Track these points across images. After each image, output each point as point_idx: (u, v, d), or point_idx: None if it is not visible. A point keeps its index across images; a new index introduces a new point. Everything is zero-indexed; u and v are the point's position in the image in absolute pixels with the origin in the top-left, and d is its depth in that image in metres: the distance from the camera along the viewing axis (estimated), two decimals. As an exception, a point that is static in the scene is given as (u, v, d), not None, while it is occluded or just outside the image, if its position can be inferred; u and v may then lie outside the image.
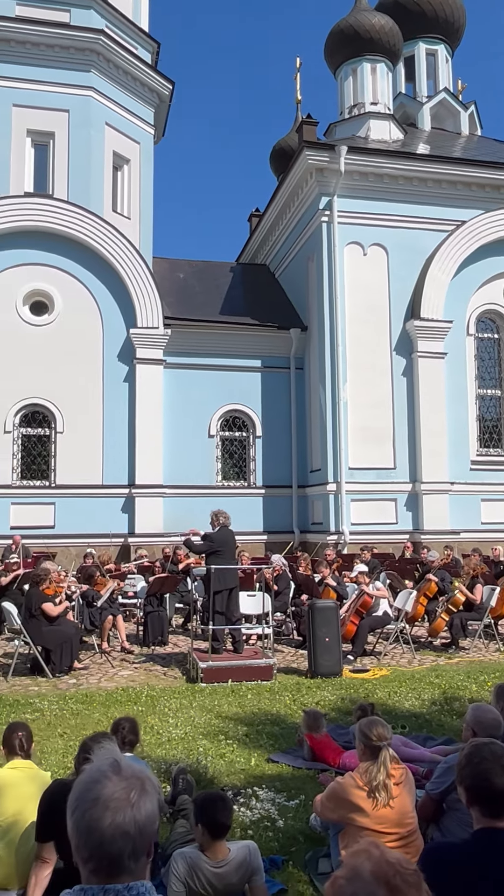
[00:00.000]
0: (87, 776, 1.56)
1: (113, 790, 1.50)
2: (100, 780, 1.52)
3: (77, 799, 1.53)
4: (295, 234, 19.78)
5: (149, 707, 7.81)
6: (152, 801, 1.54)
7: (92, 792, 1.51)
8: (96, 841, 1.48)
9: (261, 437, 18.49)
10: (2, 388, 16.69)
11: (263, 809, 5.08)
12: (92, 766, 1.58)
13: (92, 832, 1.48)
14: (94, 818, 1.48)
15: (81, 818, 1.50)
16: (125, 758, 1.61)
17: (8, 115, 18.21)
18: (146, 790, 1.53)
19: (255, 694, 8.38)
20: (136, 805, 1.50)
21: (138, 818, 1.49)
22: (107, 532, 16.32)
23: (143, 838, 1.50)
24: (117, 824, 1.48)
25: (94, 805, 1.49)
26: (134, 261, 17.63)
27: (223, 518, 10.03)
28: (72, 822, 1.52)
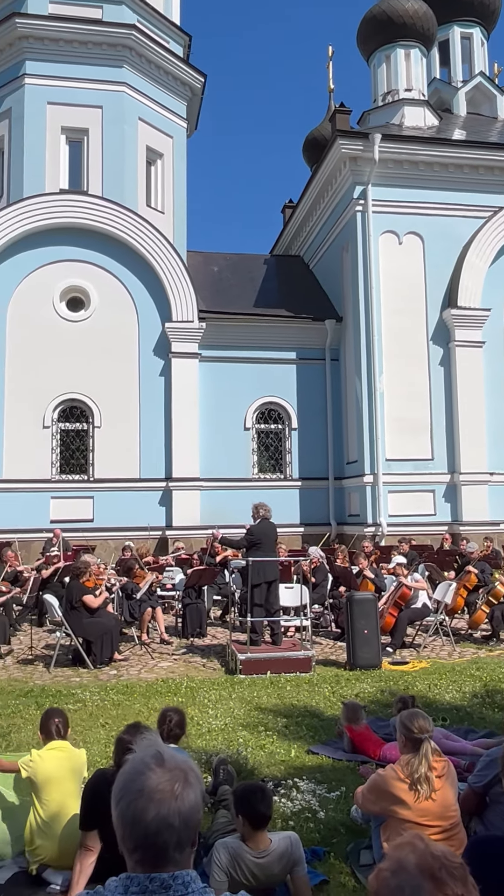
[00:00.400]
0: (130, 767, 1.56)
1: (157, 782, 1.51)
2: (143, 771, 1.53)
3: (121, 790, 1.54)
4: (329, 225, 19.65)
5: (188, 698, 7.86)
6: (196, 792, 1.54)
7: (136, 783, 1.52)
8: (141, 833, 1.49)
9: (296, 429, 18.45)
10: (40, 385, 16.92)
11: (304, 801, 5.08)
12: (135, 757, 1.58)
13: (137, 824, 1.49)
14: (138, 810, 1.49)
15: (126, 809, 1.51)
16: (168, 748, 1.61)
17: (42, 113, 18.39)
18: (189, 781, 1.54)
19: (294, 686, 8.39)
20: (180, 796, 1.51)
21: (182, 809, 1.50)
22: (145, 525, 16.46)
23: (187, 829, 1.51)
24: (162, 816, 1.48)
25: (139, 797, 1.50)
26: (168, 255, 17.70)
27: (263, 511, 10.05)
28: (116, 813, 1.53)
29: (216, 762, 5.43)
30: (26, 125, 18.26)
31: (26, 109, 18.33)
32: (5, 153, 18.82)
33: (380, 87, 20.88)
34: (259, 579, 9.60)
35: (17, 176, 18.27)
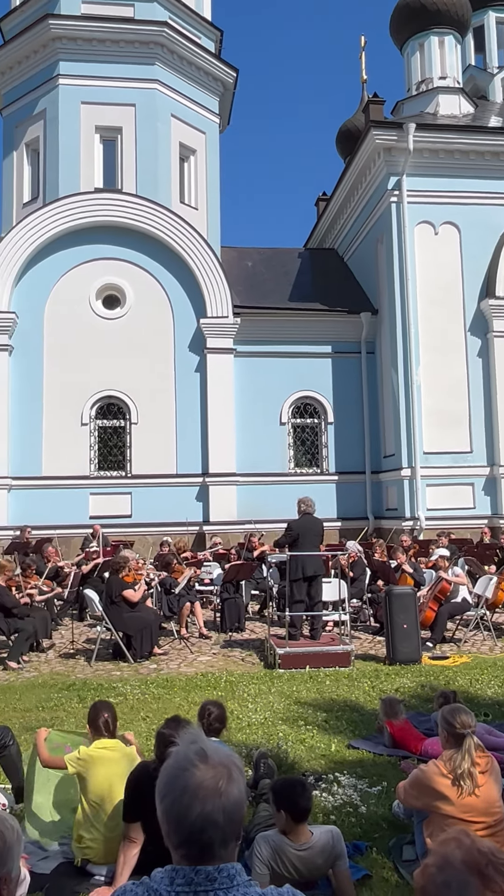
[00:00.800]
0: (174, 763, 1.56)
1: (201, 779, 1.50)
2: (187, 768, 1.52)
3: (165, 786, 1.54)
4: (363, 217, 19.49)
5: (228, 692, 7.90)
6: (240, 788, 1.54)
7: (180, 780, 1.52)
8: (186, 830, 1.49)
9: (332, 423, 18.37)
10: (78, 382, 17.12)
11: (345, 795, 5.07)
12: (178, 753, 1.57)
13: (181, 822, 1.49)
14: (182, 807, 1.49)
15: (171, 807, 1.51)
16: (210, 743, 1.61)
17: (76, 113, 18.56)
18: (233, 777, 1.53)
19: (334, 680, 8.37)
20: (224, 793, 1.50)
21: (227, 806, 1.50)
22: (182, 520, 16.55)
23: (231, 826, 1.51)
24: (206, 814, 1.48)
25: (183, 794, 1.50)
26: (202, 251, 17.74)
27: (304, 505, 10.02)
28: (161, 810, 1.54)
29: (256, 756, 5.44)
30: (61, 126, 18.45)
31: (61, 110, 18.52)
32: (41, 154, 19.04)
33: (413, 76, 20.62)
34: (297, 574, 9.58)
35: (53, 176, 18.47)
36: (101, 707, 4.47)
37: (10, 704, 7.58)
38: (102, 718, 4.37)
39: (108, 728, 4.39)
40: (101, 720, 4.37)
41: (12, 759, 4.89)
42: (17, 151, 19.58)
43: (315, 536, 9.93)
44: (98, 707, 4.48)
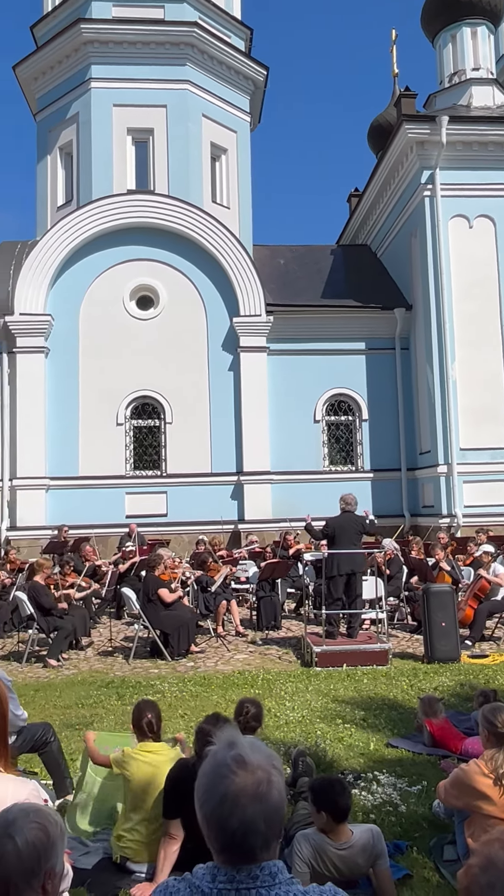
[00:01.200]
0: (211, 769, 1.54)
1: (240, 786, 1.48)
2: (226, 775, 1.50)
3: (204, 793, 1.52)
4: (396, 212, 19.33)
5: (265, 690, 7.91)
6: (279, 790, 1.52)
7: (219, 788, 1.50)
8: (227, 838, 1.48)
9: (367, 420, 18.26)
10: (113, 383, 17.27)
11: (385, 794, 5.04)
12: (216, 756, 1.55)
13: (222, 829, 1.48)
14: (223, 816, 1.48)
15: (210, 815, 1.50)
16: (249, 743, 1.59)
17: (108, 115, 18.70)
18: (272, 781, 1.51)
19: (371, 679, 8.33)
20: (264, 798, 1.49)
21: (267, 811, 1.49)
22: (217, 519, 16.60)
23: (272, 829, 1.50)
24: (246, 823, 1.47)
25: (223, 803, 1.48)
26: (235, 250, 17.77)
27: (342, 503, 9.97)
28: (201, 815, 1.53)
29: (295, 754, 5.44)
30: (94, 129, 18.62)
31: (93, 113, 18.68)
32: (74, 157, 19.23)
33: (446, 69, 20.38)
34: (332, 571, 9.54)
35: (87, 179, 18.65)
36: (145, 707, 4.42)
37: (51, 701, 7.68)
38: (146, 719, 4.34)
39: (152, 729, 4.35)
40: (145, 721, 4.33)
41: (54, 756, 4.95)
42: (51, 155, 19.81)
43: (353, 534, 9.80)
44: (141, 708, 4.43)
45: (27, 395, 16.94)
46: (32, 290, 17.10)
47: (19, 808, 1.72)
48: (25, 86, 20.55)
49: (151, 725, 4.34)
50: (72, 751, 5.92)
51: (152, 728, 4.34)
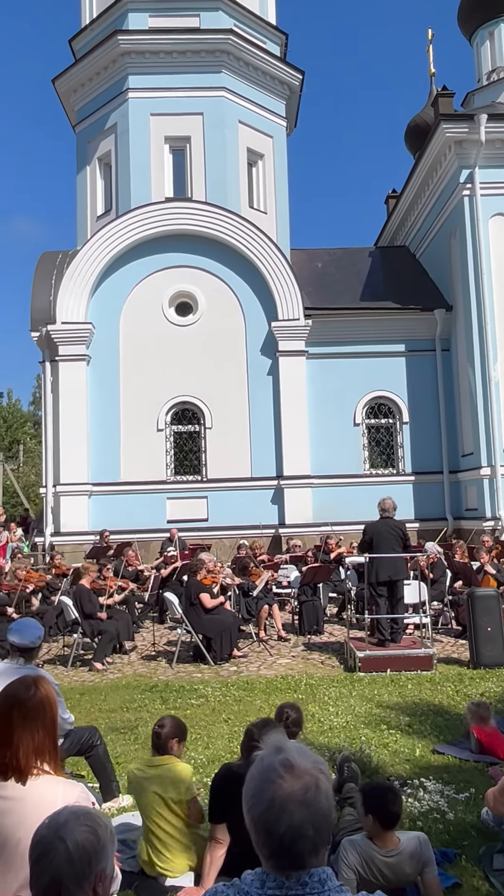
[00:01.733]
0: (259, 773, 1.53)
1: (288, 791, 1.48)
2: (273, 779, 1.50)
3: (252, 797, 1.52)
4: (435, 212, 19.15)
5: (308, 695, 7.87)
6: (328, 796, 1.51)
7: (266, 793, 1.49)
8: (276, 843, 1.47)
9: (408, 422, 18.09)
10: (153, 389, 17.43)
11: (432, 801, 4.97)
12: (264, 761, 1.54)
13: (270, 835, 1.47)
14: (270, 821, 1.47)
15: (258, 819, 1.49)
16: (296, 749, 1.58)
17: (146, 125, 18.90)
18: (320, 787, 1.50)
19: (416, 684, 8.24)
20: (312, 804, 1.48)
21: (315, 817, 1.48)
22: (258, 524, 16.61)
23: (320, 835, 1.49)
24: (295, 828, 1.46)
25: (271, 808, 1.48)
26: (272, 255, 17.79)
27: (380, 508, 9.81)
28: (248, 819, 1.52)
29: (340, 760, 5.40)
30: (131, 138, 18.84)
31: (131, 123, 18.90)
32: (112, 167, 19.48)
33: (483, 66, 20.15)
34: (372, 577, 9.42)
35: (125, 188, 18.87)
36: (161, 721, 4.33)
37: (96, 705, 7.77)
38: (154, 731, 4.26)
39: (158, 740, 4.23)
40: (153, 734, 4.26)
41: (100, 759, 5.00)
42: (90, 166, 20.10)
43: (392, 539, 9.55)
44: (158, 722, 4.34)
45: (70, 402, 17.18)
46: (74, 299, 17.36)
47: (70, 811, 1.74)
48: (64, 98, 20.89)
49: (158, 736, 4.23)
50: (117, 754, 5.98)
51: (158, 739, 4.23)
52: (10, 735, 2.38)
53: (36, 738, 2.40)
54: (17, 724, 2.40)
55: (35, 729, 2.41)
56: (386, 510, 9.73)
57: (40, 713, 2.45)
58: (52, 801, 2.26)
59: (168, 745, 4.23)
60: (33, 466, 41.64)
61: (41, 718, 2.45)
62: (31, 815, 2.19)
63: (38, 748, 2.40)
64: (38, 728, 2.42)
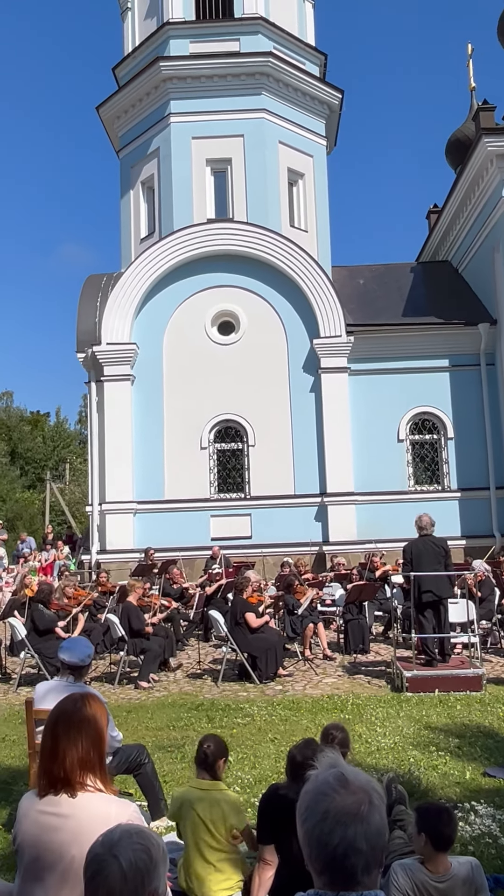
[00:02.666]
0: (314, 787, 1.54)
1: (342, 804, 1.49)
2: (328, 792, 1.51)
3: (306, 810, 1.52)
4: (478, 226, 19.01)
5: (355, 715, 7.79)
6: (381, 814, 1.51)
7: (321, 805, 1.50)
8: (329, 856, 1.48)
9: (453, 438, 17.88)
10: (197, 407, 17.58)
11: (483, 825, 4.87)
12: (318, 777, 1.55)
13: (324, 847, 1.48)
14: (324, 833, 1.47)
15: (312, 831, 1.50)
16: (350, 767, 1.59)
17: (188, 148, 19.21)
18: (374, 803, 1.50)
19: (465, 705, 8.09)
20: (366, 819, 1.48)
21: (369, 833, 1.47)
22: (302, 541, 16.55)
23: (374, 852, 1.48)
24: (349, 840, 1.46)
25: (324, 820, 1.48)
26: (313, 273, 17.86)
27: (417, 528, 9.67)
28: (302, 833, 1.53)
29: (387, 781, 5.32)
30: (174, 162, 19.16)
31: (173, 147, 19.23)
32: (155, 190, 19.82)
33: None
34: (417, 597, 9.26)
35: (168, 210, 19.18)
36: (204, 740, 4.23)
37: (143, 723, 7.80)
38: (201, 751, 4.15)
39: (206, 762, 4.13)
40: (200, 755, 4.16)
41: (148, 777, 5.02)
42: (134, 190, 20.49)
43: (433, 557, 9.34)
44: (201, 741, 4.23)
45: (115, 422, 17.43)
46: (118, 320, 17.67)
47: (123, 829, 1.76)
48: (108, 125, 21.38)
49: (206, 758, 4.13)
50: (164, 773, 6.00)
51: (206, 761, 4.13)
52: (56, 747, 2.42)
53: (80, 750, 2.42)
54: (61, 735, 2.43)
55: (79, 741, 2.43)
56: (424, 528, 9.55)
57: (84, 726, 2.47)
58: (104, 818, 2.28)
59: (217, 765, 4.17)
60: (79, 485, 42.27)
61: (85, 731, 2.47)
62: (84, 832, 2.22)
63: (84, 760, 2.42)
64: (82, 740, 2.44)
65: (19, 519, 38.82)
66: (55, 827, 2.32)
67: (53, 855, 2.28)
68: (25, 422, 50.79)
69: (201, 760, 4.18)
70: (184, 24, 19.60)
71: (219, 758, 4.17)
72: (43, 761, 2.45)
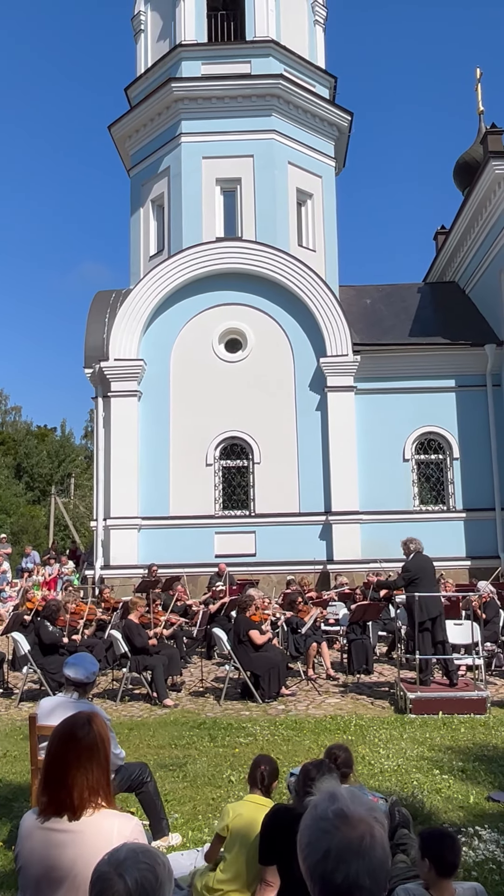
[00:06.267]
0: (313, 821, 1.52)
1: (343, 841, 1.46)
2: (328, 830, 1.48)
3: (307, 846, 1.51)
4: (485, 248, 19.11)
5: (358, 736, 7.74)
6: (383, 845, 1.49)
7: (321, 843, 1.48)
8: (332, 893, 1.46)
9: (458, 458, 17.87)
10: (202, 424, 17.63)
11: (487, 851, 4.83)
12: (318, 808, 1.53)
13: (326, 885, 1.46)
14: (327, 872, 1.46)
15: (314, 870, 1.48)
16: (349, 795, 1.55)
17: (198, 168, 19.40)
18: (375, 835, 1.48)
19: (469, 728, 8.03)
20: (368, 853, 1.46)
21: (371, 867, 1.46)
22: (306, 559, 16.52)
23: (377, 885, 1.47)
24: (352, 879, 1.45)
25: (326, 858, 1.46)
26: (321, 292, 17.95)
27: (413, 545, 9.77)
28: (304, 868, 1.51)
29: (390, 804, 5.28)
30: (184, 181, 19.35)
31: (183, 167, 19.43)
32: (165, 209, 20.01)
33: (533, 103, 20.16)
34: (423, 616, 9.29)
35: (177, 229, 19.34)
36: (260, 761, 4.37)
37: (145, 741, 7.76)
38: (259, 771, 4.28)
39: (263, 781, 4.26)
40: (258, 773, 4.28)
41: (150, 796, 4.98)
42: (144, 208, 20.69)
43: (432, 575, 9.74)
44: (257, 761, 4.38)
45: (121, 437, 17.49)
46: (126, 336, 17.77)
47: (129, 848, 1.76)
48: (120, 144, 21.62)
49: (264, 777, 4.26)
50: (165, 791, 5.96)
51: (264, 780, 4.26)
52: (66, 775, 2.39)
53: (90, 778, 2.40)
54: (71, 763, 2.40)
55: (90, 768, 2.41)
56: (419, 545, 9.73)
57: (94, 752, 2.46)
58: (108, 832, 2.28)
59: (272, 786, 4.31)
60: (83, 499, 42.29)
61: (95, 757, 2.45)
62: (89, 848, 2.22)
63: (93, 787, 2.41)
64: (92, 767, 2.42)
65: (24, 533, 38.83)
66: (60, 843, 2.31)
67: (59, 872, 2.27)
68: (32, 436, 50.95)
69: (258, 781, 4.29)
70: (196, 46, 19.88)
71: (273, 779, 4.32)
72: (49, 786, 2.41)
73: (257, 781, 4.28)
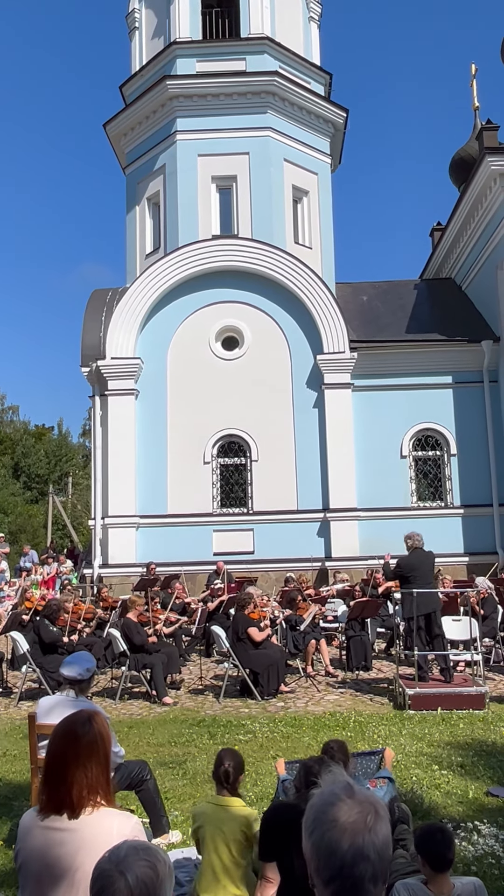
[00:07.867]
0: (320, 799, 1.56)
1: (349, 813, 1.50)
2: (335, 802, 1.52)
3: (314, 821, 1.53)
4: (481, 244, 19.12)
5: (357, 733, 7.76)
6: (386, 826, 1.52)
7: (328, 814, 1.51)
8: (337, 864, 1.48)
9: (456, 455, 17.89)
10: (200, 422, 17.62)
11: (487, 845, 4.85)
12: (324, 789, 1.58)
13: (332, 854, 1.48)
14: (333, 840, 1.48)
15: (321, 840, 1.50)
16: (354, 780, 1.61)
17: (194, 165, 19.39)
18: (379, 815, 1.52)
19: (468, 723, 8.05)
20: (373, 829, 1.49)
21: (376, 842, 1.48)
22: (304, 556, 16.53)
23: (381, 862, 1.49)
24: (357, 847, 1.47)
25: (333, 827, 1.49)
26: (317, 289, 17.95)
27: (411, 541, 9.78)
28: (310, 844, 1.53)
29: (390, 799, 5.30)
30: (179, 179, 19.33)
31: (179, 164, 19.41)
32: (161, 207, 19.99)
33: (528, 99, 20.17)
34: (412, 612, 9.31)
35: (173, 226, 19.33)
36: (224, 756, 4.20)
37: (144, 739, 7.78)
38: (222, 768, 4.13)
39: (228, 779, 4.11)
40: (221, 769, 4.13)
41: (150, 794, 5.00)
42: (140, 206, 20.66)
43: (429, 571, 9.66)
44: (221, 756, 4.21)
45: (118, 435, 17.47)
46: (123, 334, 17.75)
47: (129, 845, 1.76)
48: (115, 142, 21.59)
49: (228, 775, 4.12)
50: (165, 789, 5.98)
51: (228, 777, 4.12)
52: (65, 773, 2.40)
53: (90, 776, 2.40)
54: (70, 761, 2.40)
55: (89, 766, 2.41)
56: (417, 541, 9.72)
57: (94, 750, 2.45)
58: (107, 830, 2.28)
59: (237, 781, 4.17)
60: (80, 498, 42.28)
61: (95, 755, 2.45)
62: (88, 845, 2.22)
63: (92, 785, 2.41)
64: (92, 765, 2.42)
65: (22, 532, 38.82)
66: (61, 841, 2.31)
67: (59, 869, 2.28)
68: (29, 435, 50.92)
69: (221, 778, 4.17)
70: (191, 44, 19.85)
71: (239, 774, 4.18)
72: (49, 784, 2.42)
73: (221, 780, 4.16)
